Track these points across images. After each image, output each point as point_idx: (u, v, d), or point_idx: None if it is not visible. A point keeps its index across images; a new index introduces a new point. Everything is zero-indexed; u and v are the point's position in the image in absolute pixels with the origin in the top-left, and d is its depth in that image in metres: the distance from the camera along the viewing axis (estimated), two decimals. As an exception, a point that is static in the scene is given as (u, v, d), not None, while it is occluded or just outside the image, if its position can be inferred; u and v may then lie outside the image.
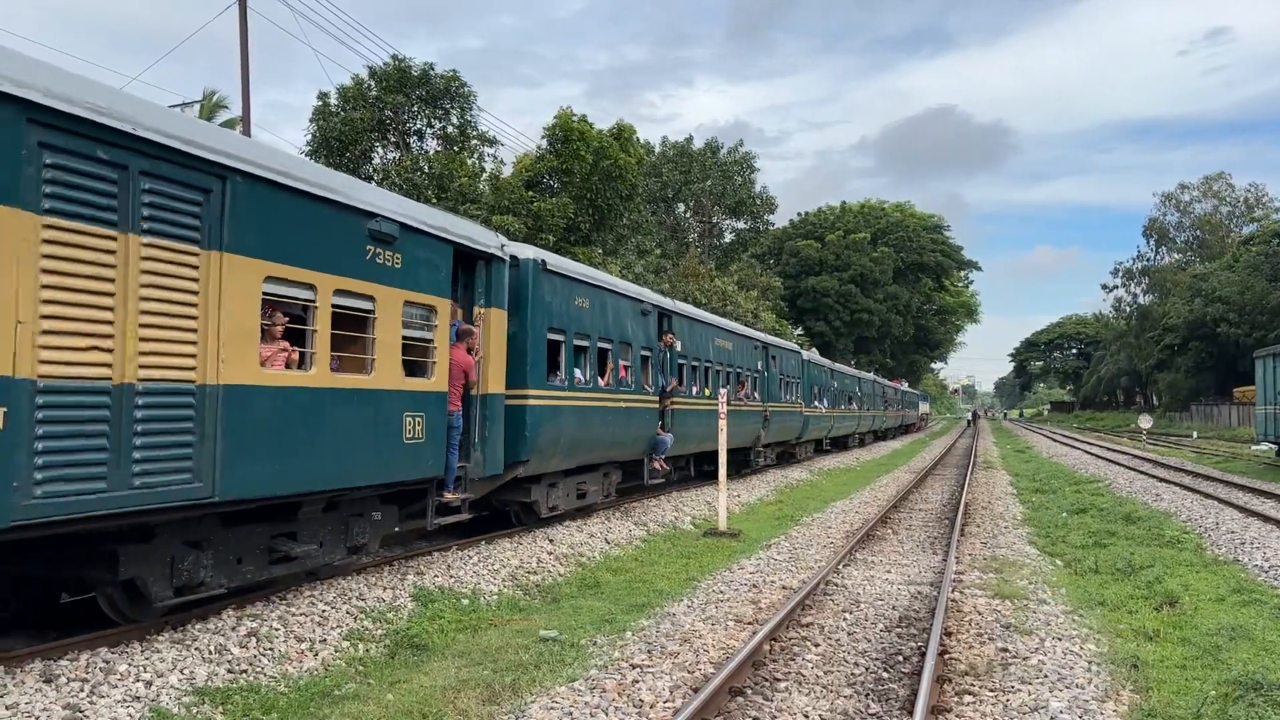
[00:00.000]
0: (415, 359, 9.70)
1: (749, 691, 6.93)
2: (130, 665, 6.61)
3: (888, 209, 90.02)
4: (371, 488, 9.14)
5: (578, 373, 13.74)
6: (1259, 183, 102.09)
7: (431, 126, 30.14)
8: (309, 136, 28.82)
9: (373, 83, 29.10)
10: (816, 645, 8.27)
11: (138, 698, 6.16)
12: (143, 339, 6.45)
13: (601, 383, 14.76)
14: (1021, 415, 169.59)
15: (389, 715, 6.28)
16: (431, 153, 29.76)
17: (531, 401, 12.28)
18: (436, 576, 10.14)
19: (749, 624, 8.91)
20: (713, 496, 17.35)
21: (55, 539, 6.61)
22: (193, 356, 6.86)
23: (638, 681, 7.02)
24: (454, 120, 30.07)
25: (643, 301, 16.81)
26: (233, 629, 7.59)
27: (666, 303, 18.49)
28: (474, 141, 30.53)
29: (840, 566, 12.09)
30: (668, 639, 8.28)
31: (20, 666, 6.37)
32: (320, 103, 29.03)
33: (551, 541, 12.78)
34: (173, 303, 6.71)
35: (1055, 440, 56.95)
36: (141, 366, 6.45)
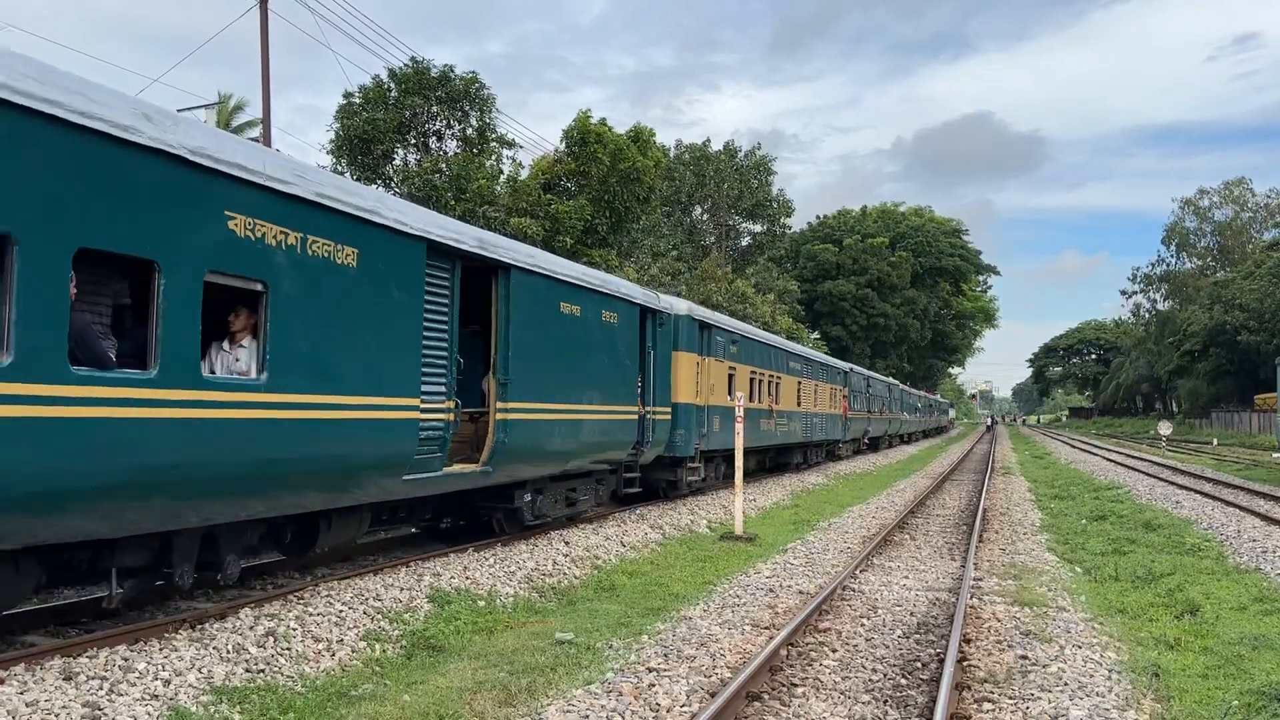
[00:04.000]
0: (833, 402, 34.46)
1: (766, 697, 6.90)
2: (149, 664, 6.63)
3: (906, 213, 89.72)
4: (828, 440, 33.45)
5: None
6: (1279, 188, 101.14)
7: (451, 128, 30.20)
8: (332, 136, 28.92)
9: (393, 84, 29.18)
10: (834, 651, 8.23)
11: (156, 696, 6.18)
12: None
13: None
14: (1039, 421, 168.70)
15: (406, 717, 6.28)
16: (450, 154, 29.82)
17: (849, 416, 36.89)
18: (453, 578, 10.15)
19: (766, 629, 8.88)
20: (730, 499, 17.32)
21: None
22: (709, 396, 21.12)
23: (654, 685, 6.99)
24: (473, 122, 30.12)
25: (867, 375, 42.86)
26: (250, 628, 7.61)
27: (870, 374, 44.92)
28: (493, 144, 30.57)
29: (857, 572, 12.04)
30: (684, 643, 8.25)
31: (40, 664, 6.40)
32: (345, 101, 29.14)
33: (567, 544, 12.78)
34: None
35: (1074, 446, 56.62)
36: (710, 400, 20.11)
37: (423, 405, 9.72)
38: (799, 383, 28.22)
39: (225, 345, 7.85)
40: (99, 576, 7.42)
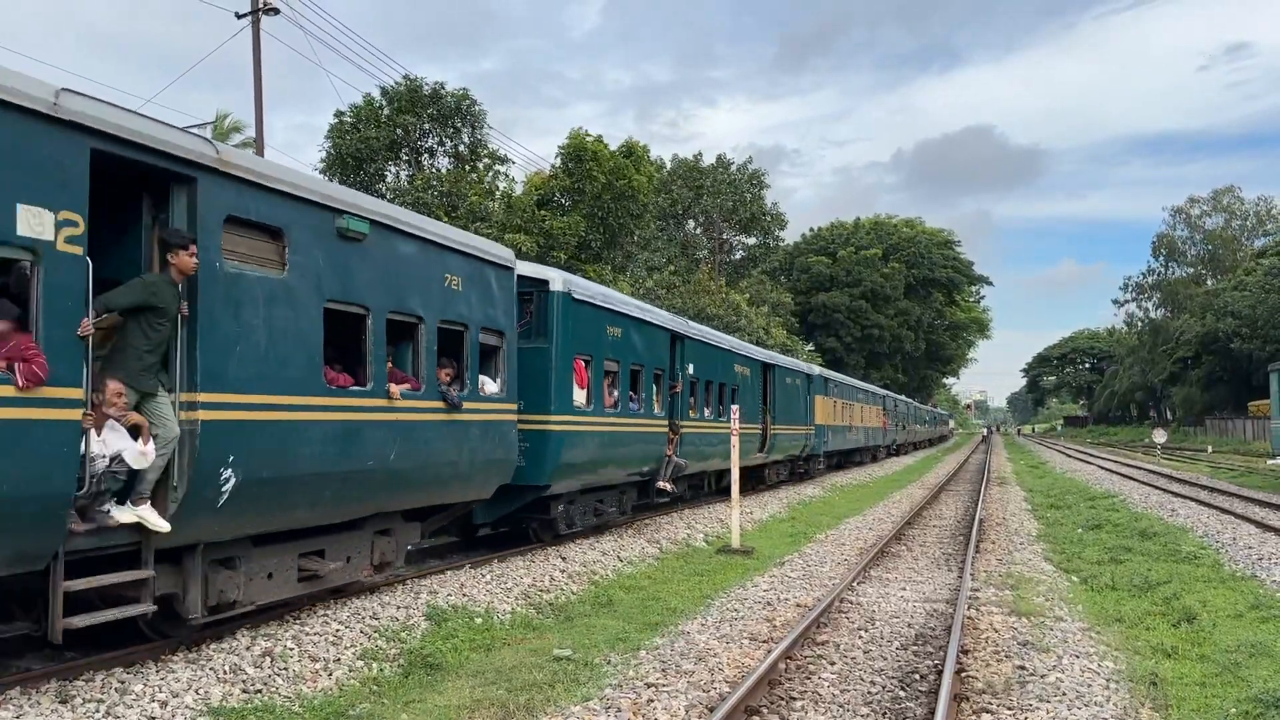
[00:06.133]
0: (878, 419, 46.10)
1: (765, 710, 6.89)
2: (145, 685, 6.61)
3: (898, 225, 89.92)
4: (875, 445, 45.13)
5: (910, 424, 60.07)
6: (1268, 195, 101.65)
7: (443, 145, 30.28)
8: (323, 154, 28.98)
9: (385, 102, 29.27)
10: (832, 664, 8.23)
11: (153, 718, 6.16)
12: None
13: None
14: (1034, 430, 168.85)
15: (404, 735, 6.25)
16: (443, 171, 29.88)
17: (887, 428, 49.61)
18: (450, 595, 10.12)
19: (764, 642, 8.87)
20: (727, 513, 17.31)
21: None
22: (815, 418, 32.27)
23: (653, 701, 6.99)
24: (465, 139, 30.21)
25: (896, 398, 55.80)
26: (247, 649, 7.59)
27: (897, 396, 57.36)
28: (485, 160, 30.65)
29: (855, 584, 12.04)
30: (682, 657, 8.24)
31: (36, 687, 6.38)
32: (336, 120, 29.21)
33: (564, 559, 12.76)
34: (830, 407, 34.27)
35: (1069, 455, 56.66)
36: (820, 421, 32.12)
37: (755, 426, 23.39)
38: (862, 407, 41.65)
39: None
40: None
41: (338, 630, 8.40)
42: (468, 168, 30.03)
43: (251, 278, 7.41)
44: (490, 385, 11.01)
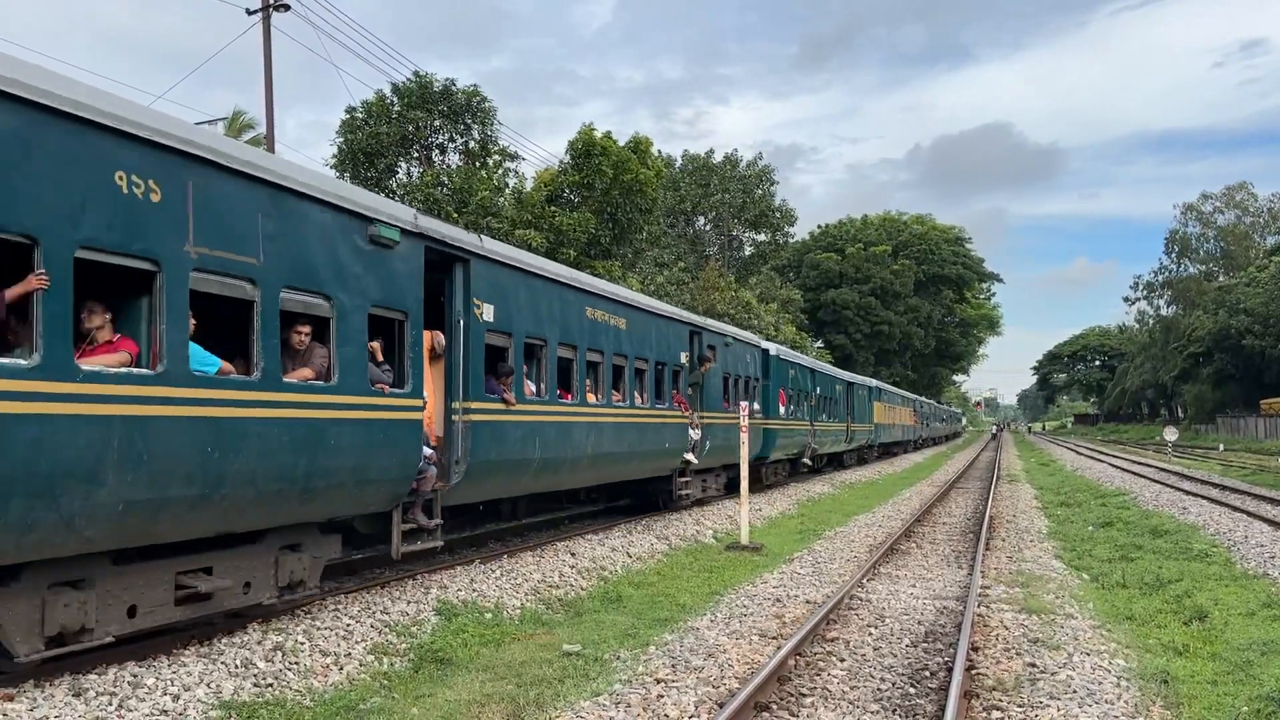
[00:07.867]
0: (909, 418, 58.01)
1: (774, 707, 6.89)
2: (157, 679, 6.64)
3: (908, 221, 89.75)
4: (908, 440, 57.26)
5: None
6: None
7: (453, 141, 30.30)
8: (335, 150, 29.02)
9: (396, 98, 29.29)
10: (842, 660, 8.22)
11: (165, 711, 6.19)
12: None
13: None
14: (1044, 428, 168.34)
15: (414, 730, 6.27)
16: (453, 167, 29.90)
17: (916, 425, 62.91)
18: (459, 590, 10.15)
19: (773, 639, 8.87)
20: (735, 510, 17.31)
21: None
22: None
23: (662, 696, 6.99)
24: (475, 135, 30.22)
25: (923, 400, 69.86)
26: (258, 643, 7.62)
27: (921, 399, 69.05)
28: (495, 157, 30.64)
29: (864, 580, 12.02)
30: (692, 653, 8.25)
31: (49, 680, 6.41)
32: (348, 116, 29.25)
33: (573, 555, 12.78)
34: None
35: (1079, 453, 56.51)
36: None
37: (842, 425, 34.39)
38: (901, 409, 52.52)
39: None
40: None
41: (348, 625, 8.43)
42: (478, 164, 30.03)
43: (712, 368, 18.64)
44: (756, 406, 21.35)
